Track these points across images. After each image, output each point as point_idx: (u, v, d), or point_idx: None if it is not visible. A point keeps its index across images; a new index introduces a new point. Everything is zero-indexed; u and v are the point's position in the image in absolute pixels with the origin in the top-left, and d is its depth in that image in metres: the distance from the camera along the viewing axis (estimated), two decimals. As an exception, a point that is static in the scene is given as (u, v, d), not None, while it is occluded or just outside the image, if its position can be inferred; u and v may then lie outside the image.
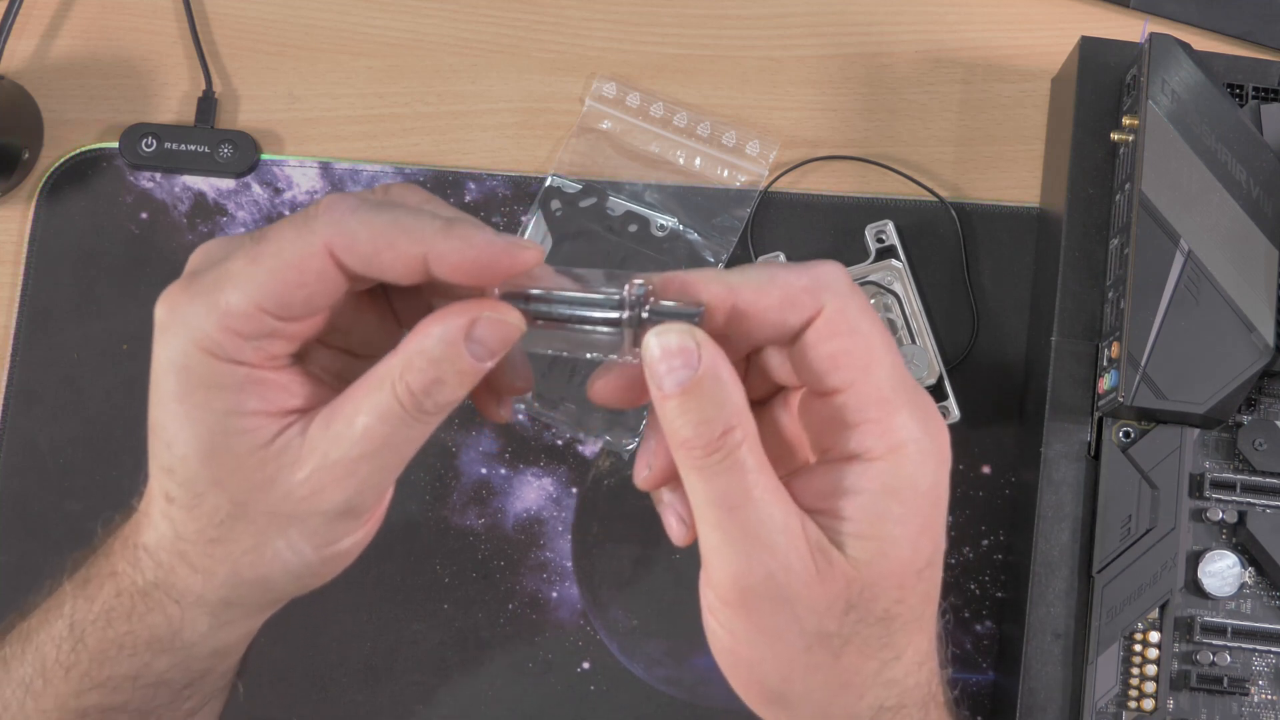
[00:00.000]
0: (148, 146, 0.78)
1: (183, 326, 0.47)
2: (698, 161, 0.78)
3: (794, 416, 0.50)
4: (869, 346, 0.46)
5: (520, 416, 0.75)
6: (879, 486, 0.45)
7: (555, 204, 0.77)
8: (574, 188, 0.77)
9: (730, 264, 0.76)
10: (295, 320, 0.47)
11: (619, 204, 0.77)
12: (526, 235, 0.76)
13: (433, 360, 0.46)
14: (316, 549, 0.49)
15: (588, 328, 0.45)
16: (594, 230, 0.77)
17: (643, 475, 0.49)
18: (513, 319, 0.46)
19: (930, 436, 0.46)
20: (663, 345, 0.44)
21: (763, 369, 0.49)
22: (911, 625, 0.48)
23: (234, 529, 0.48)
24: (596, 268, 0.74)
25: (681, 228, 0.77)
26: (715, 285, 0.45)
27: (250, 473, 0.47)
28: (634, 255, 0.76)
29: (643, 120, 0.78)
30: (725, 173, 0.77)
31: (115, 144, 0.78)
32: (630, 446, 0.74)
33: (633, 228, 0.77)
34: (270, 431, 0.47)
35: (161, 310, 0.48)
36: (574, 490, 0.75)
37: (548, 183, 0.77)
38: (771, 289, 0.45)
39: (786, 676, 0.46)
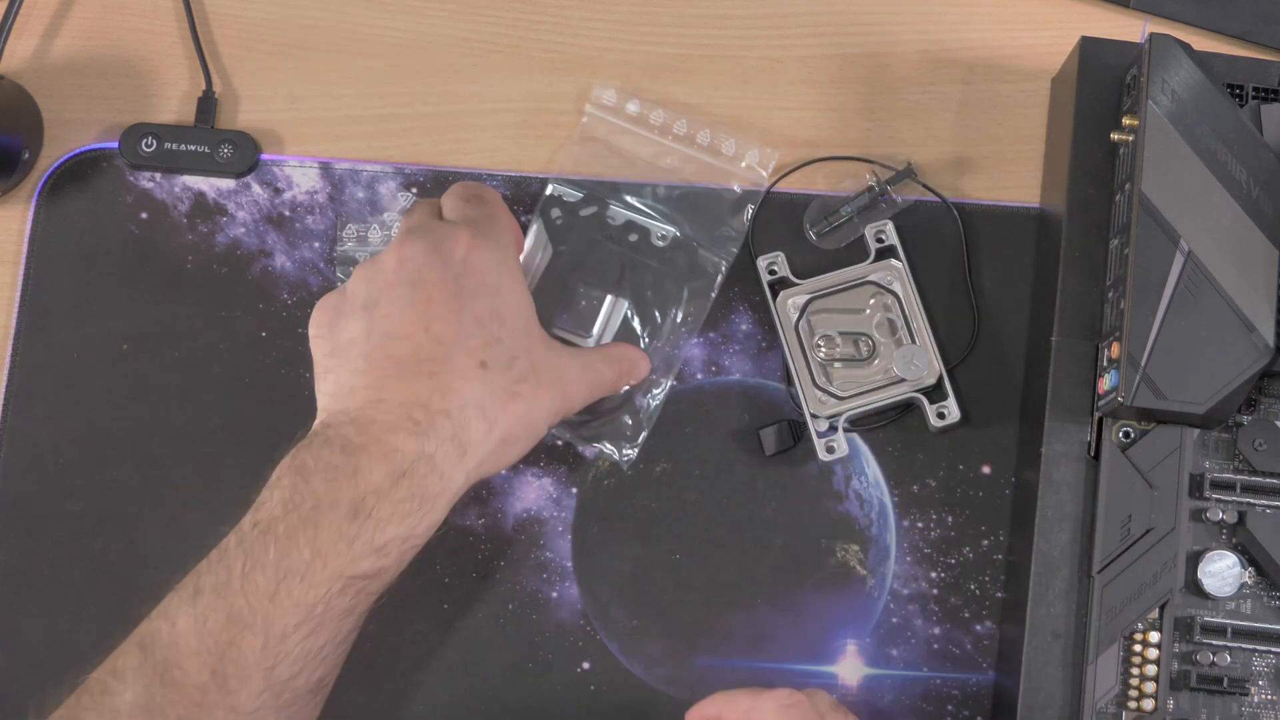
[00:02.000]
0: (148, 146, 0.78)
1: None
2: (697, 169, 0.77)
3: None
4: None
5: (574, 490, 0.75)
6: None
7: (555, 212, 0.77)
8: (574, 196, 0.77)
9: (731, 270, 0.76)
10: None
11: (619, 213, 0.77)
12: (528, 244, 0.76)
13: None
14: (549, 424, 0.69)
15: None
16: (594, 239, 0.76)
17: None
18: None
19: None
20: None
21: None
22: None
23: (525, 389, 0.66)
24: (596, 276, 0.74)
25: (682, 236, 0.76)
26: None
27: (544, 354, 0.68)
28: (635, 265, 0.76)
29: (642, 128, 0.78)
30: (725, 180, 0.77)
31: (115, 144, 0.78)
32: (629, 455, 0.74)
33: (633, 237, 0.77)
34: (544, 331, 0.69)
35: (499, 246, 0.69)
36: (574, 490, 0.75)
37: (548, 191, 0.77)
38: None
39: None
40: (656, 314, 0.76)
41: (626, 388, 0.74)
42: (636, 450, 0.74)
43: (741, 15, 0.80)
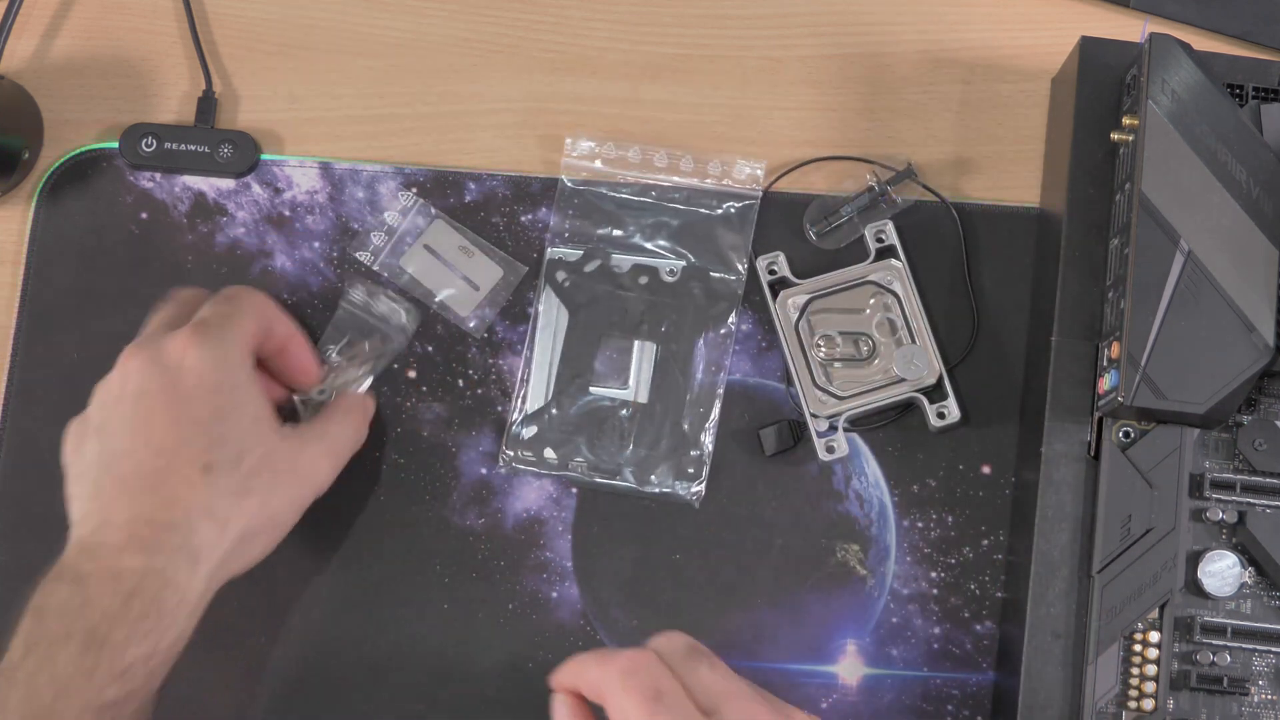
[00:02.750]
0: (148, 146, 0.78)
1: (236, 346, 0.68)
2: (688, 196, 0.77)
3: None
4: None
5: (574, 490, 0.75)
6: None
7: (560, 275, 0.76)
8: (575, 255, 0.77)
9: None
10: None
11: (624, 259, 0.76)
12: (540, 314, 0.76)
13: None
14: (296, 512, 0.69)
15: None
16: (605, 291, 0.76)
17: None
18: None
19: None
20: None
21: None
22: None
23: (258, 483, 0.66)
24: (616, 328, 0.73)
25: (690, 266, 0.76)
26: None
27: (276, 444, 0.67)
28: (652, 306, 0.76)
29: (623, 169, 0.77)
30: (720, 200, 0.77)
31: (115, 144, 0.78)
32: (699, 492, 0.74)
33: (643, 279, 0.76)
34: (279, 420, 0.68)
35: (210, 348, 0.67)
36: (574, 490, 0.75)
37: (548, 256, 0.76)
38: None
39: None
40: (686, 349, 0.75)
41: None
42: (704, 487, 0.74)
43: (741, 15, 0.80)
